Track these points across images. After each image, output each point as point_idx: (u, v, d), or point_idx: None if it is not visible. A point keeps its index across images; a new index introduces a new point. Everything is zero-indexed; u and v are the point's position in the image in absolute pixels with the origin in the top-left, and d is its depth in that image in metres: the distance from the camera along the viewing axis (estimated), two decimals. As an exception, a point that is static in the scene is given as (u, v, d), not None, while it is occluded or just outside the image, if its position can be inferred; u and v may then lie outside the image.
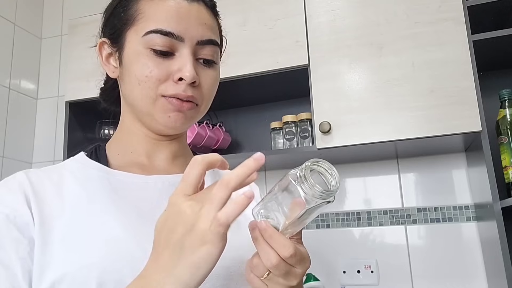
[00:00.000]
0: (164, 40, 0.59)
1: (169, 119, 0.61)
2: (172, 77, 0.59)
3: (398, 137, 1.27)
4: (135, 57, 0.60)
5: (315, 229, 1.61)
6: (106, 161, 0.65)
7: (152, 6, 0.60)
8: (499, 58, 1.39)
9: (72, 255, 0.54)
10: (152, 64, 0.59)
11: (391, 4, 1.34)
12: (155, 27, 0.59)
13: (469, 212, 1.46)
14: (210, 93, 0.65)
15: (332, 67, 1.36)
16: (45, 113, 2.07)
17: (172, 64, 0.60)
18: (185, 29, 0.60)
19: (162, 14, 0.59)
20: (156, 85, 0.59)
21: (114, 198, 0.60)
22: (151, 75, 0.59)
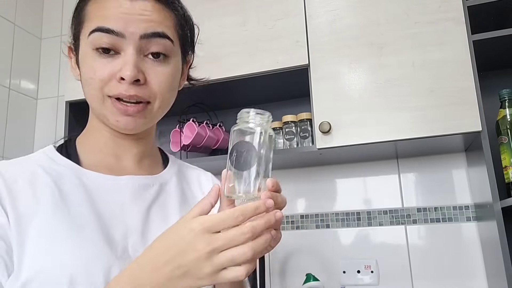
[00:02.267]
0: (106, 38, 0.59)
1: (118, 123, 0.61)
2: (115, 77, 0.59)
3: (398, 137, 1.27)
4: (84, 59, 0.62)
5: (315, 229, 1.61)
6: (77, 158, 0.65)
7: (96, 7, 0.61)
8: (499, 58, 1.39)
9: (46, 254, 0.54)
10: (97, 65, 0.59)
11: (391, 4, 1.34)
12: (96, 26, 0.59)
13: (469, 212, 1.46)
14: (162, 89, 0.63)
15: (332, 67, 1.36)
16: (45, 113, 2.07)
17: (116, 63, 0.59)
18: (125, 24, 0.59)
19: (103, 13, 0.60)
20: (100, 86, 0.60)
21: (87, 198, 0.61)
22: (95, 76, 0.60)
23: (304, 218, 1.63)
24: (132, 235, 0.62)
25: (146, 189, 0.66)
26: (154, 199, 0.67)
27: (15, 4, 2.02)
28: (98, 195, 0.62)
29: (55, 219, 0.57)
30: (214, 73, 1.44)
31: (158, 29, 0.61)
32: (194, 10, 1.70)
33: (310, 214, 1.63)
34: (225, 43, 1.48)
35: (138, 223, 0.63)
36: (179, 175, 0.74)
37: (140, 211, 0.64)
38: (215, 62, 1.44)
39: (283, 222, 1.65)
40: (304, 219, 1.63)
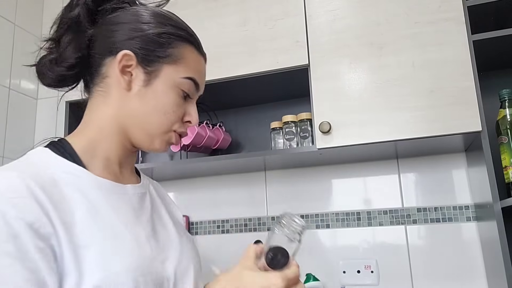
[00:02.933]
0: (193, 88, 0.71)
1: (162, 149, 0.71)
2: (183, 118, 0.72)
3: (398, 137, 1.27)
4: (168, 90, 0.69)
5: (315, 229, 1.61)
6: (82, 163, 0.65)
7: (192, 57, 0.72)
8: (499, 58, 1.39)
9: (107, 261, 0.57)
10: (178, 103, 0.70)
11: (391, 4, 1.34)
12: (191, 76, 0.71)
13: (469, 212, 1.46)
14: None
15: (332, 67, 1.36)
16: (45, 113, 2.07)
17: (186, 106, 0.72)
18: (202, 84, 0.75)
19: (197, 67, 0.72)
20: (173, 122, 0.70)
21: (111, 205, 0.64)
22: (174, 112, 0.69)
23: (304, 218, 1.63)
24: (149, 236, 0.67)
25: (144, 198, 0.73)
26: (152, 206, 0.74)
27: (15, 4, 2.02)
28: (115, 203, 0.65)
29: (97, 226, 0.60)
30: (214, 73, 1.44)
31: None
32: (194, 10, 1.70)
33: (310, 214, 1.63)
34: (225, 43, 1.48)
35: (151, 226, 0.70)
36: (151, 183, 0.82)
37: (147, 217, 0.70)
38: (215, 62, 1.44)
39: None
40: (304, 219, 1.63)
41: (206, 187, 1.77)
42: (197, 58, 0.72)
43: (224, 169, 1.66)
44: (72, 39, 0.70)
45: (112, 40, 0.68)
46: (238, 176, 1.74)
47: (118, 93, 0.68)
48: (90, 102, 0.73)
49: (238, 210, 1.72)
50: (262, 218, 1.68)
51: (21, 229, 0.51)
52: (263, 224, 1.67)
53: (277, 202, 1.68)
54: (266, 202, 1.69)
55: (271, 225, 1.66)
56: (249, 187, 1.72)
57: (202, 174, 1.74)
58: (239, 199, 1.72)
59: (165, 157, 1.79)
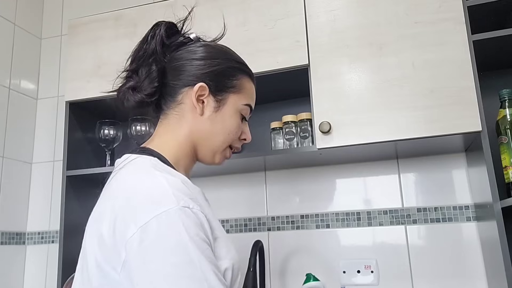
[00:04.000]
0: (249, 113, 0.89)
1: (219, 162, 0.87)
2: (240, 136, 0.87)
3: (398, 137, 1.27)
4: (232, 115, 0.84)
5: (315, 229, 1.61)
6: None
7: (249, 86, 0.89)
8: (499, 58, 1.39)
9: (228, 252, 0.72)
10: (238, 125, 0.85)
11: (391, 4, 1.34)
12: (249, 103, 0.88)
13: (469, 212, 1.46)
14: None
15: (332, 67, 1.36)
16: (45, 113, 2.07)
17: (243, 128, 0.87)
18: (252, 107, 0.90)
19: (252, 95, 0.90)
20: (232, 139, 0.85)
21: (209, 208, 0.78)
22: (235, 132, 0.85)
23: (304, 218, 1.63)
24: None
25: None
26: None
27: (15, 4, 2.02)
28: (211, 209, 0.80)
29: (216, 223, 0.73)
30: (214, 73, 1.43)
31: None
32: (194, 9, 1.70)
33: (310, 214, 1.63)
34: (225, 43, 1.47)
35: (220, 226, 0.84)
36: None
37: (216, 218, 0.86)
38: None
39: (283, 222, 1.65)
40: (304, 219, 1.63)
41: (206, 187, 1.77)
42: (252, 87, 0.89)
43: (224, 169, 1.66)
44: (149, 71, 0.81)
45: (187, 73, 0.82)
46: (238, 176, 1.74)
47: (192, 116, 0.82)
48: (165, 122, 0.84)
49: (238, 210, 1.72)
50: (262, 218, 1.68)
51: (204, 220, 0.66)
52: (263, 224, 1.67)
53: (277, 202, 1.68)
54: (266, 202, 1.69)
55: (271, 225, 1.66)
56: (249, 187, 1.72)
57: (202, 174, 1.74)
58: (239, 199, 1.72)
59: (165, 157, 1.79)
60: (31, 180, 2.01)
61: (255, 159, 1.50)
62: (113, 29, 1.64)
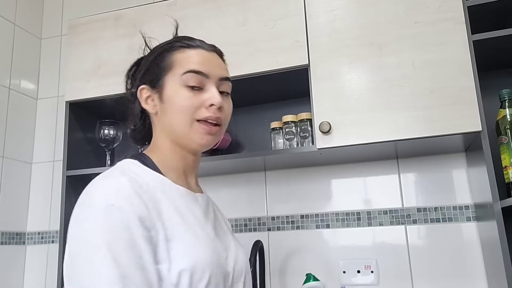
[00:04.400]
0: (196, 78, 0.79)
1: (202, 140, 0.79)
2: (204, 105, 0.79)
3: (398, 137, 1.27)
4: (175, 93, 0.79)
5: (315, 229, 1.61)
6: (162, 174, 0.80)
7: (184, 55, 0.82)
8: (499, 58, 1.39)
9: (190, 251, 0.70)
10: (189, 96, 0.79)
11: (391, 4, 1.34)
12: (189, 68, 0.80)
13: (469, 212, 1.46)
14: (228, 117, 0.85)
15: (332, 67, 1.36)
16: (45, 113, 2.07)
17: (203, 95, 0.79)
18: (210, 69, 0.81)
19: (193, 59, 0.81)
20: (192, 111, 0.78)
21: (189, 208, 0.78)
22: (188, 104, 0.78)
23: (304, 218, 1.63)
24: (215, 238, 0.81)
25: (209, 205, 0.87)
26: (214, 213, 0.88)
27: (15, 4, 2.02)
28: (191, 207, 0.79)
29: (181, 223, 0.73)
30: (214, 73, 1.44)
31: (227, 75, 0.86)
32: (194, 9, 1.70)
33: (310, 214, 1.63)
34: (225, 43, 1.47)
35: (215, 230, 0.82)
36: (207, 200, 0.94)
37: (212, 222, 0.84)
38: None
39: (283, 222, 1.65)
40: (304, 219, 1.63)
41: (205, 187, 1.76)
42: (189, 53, 0.82)
43: (224, 169, 1.66)
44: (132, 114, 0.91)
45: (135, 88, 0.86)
46: (238, 176, 1.74)
47: (155, 119, 0.84)
48: None
49: (238, 210, 1.72)
50: (262, 218, 1.68)
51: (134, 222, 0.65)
52: (263, 224, 1.67)
53: (277, 202, 1.68)
54: (266, 202, 1.69)
55: (271, 225, 1.66)
56: (249, 187, 1.72)
57: (202, 174, 1.74)
58: (239, 199, 1.72)
59: (165, 157, 1.79)
60: (31, 180, 2.01)
61: (255, 159, 1.50)
62: (113, 29, 1.64)
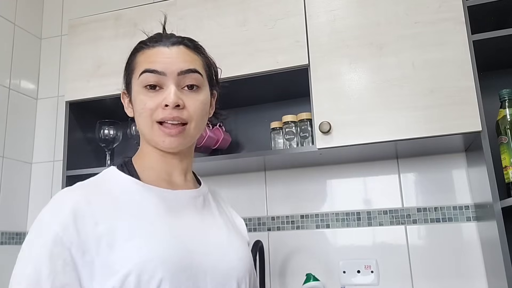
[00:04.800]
0: (152, 77, 0.76)
1: (164, 143, 0.76)
2: (161, 105, 0.75)
3: (398, 137, 1.27)
4: (136, 96, 0.78)
5: (315, 229, 1.61)
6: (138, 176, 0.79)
7: (144, 56, 0.79)
8: (499, 58, 1.39)
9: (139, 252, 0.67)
10: (146, 98, 0.76)
11: (391, 4, 1.34)
12: (143, 69, 0.77)
13: (469, 212, 1.46)
14: (197, 113, 0.78)
15: (332, 67, 1.36)
16: (45, 113, 2.07)
17: (161, 96, 0.76)
18: (166, 66, 0.76)
19: (149, 59, 0.78)
20: (150, 114, 0.76)
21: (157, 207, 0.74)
22: (145, 107, 0.76)
23: (304, 218, 1.63)
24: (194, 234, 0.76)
25: (197, 199, 0.83)
26: (203, 207, 0.83)
27: (15, 4, 2.02)
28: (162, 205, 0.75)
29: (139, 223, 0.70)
30: (214, 73, 1.43)
31: (191, 67, 0.78)
32: (194, 9, 1.70)
33: (310, 214, 1.63)
34: (225, 43, 1.48)
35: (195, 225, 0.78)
36: (211, 191, 0.93)
37: (195, 216, 0.80)
38: (215, 62, 1.44)
39: (283, 222, 1.65)
40: (304, 219, 1.63)
41: (206, 187, 1.77)
42: (148, 53, 0.79)
43: (224, 169, 1.66)
44: None
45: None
46: (238, 176, 1.74)
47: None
48: None
49: (238, 210, 1.70)
50: (262, 218, 1.68)
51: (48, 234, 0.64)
52: (263, 224, 1.67)
53: (277, 202, 1.68)
54: (266, 202, 1.69)
55: (271, 225, 1.66)
56: (249, 187, 1.72)
57: (201, 174, 1.73)
58: (238, 199, 1.72)
59: (165, 157, 1.79)
60: (31, 180, 2.01)
61: (255, 159, 1.50)
62: (113, 29, 1.64)
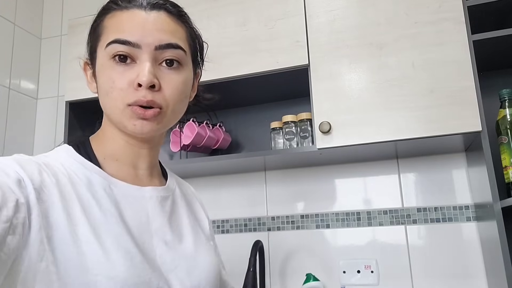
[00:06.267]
0: (123, 49, 0.62)
1: (135, 127, 0.62)
2: (133, 85, 0.61)
3: (398, 137, 1.27)
4: (102, 70, 0.64)
5: (315, 229, 1.61)
6: (98, 164, 0.66)
7: (113, 20, 0.64)
8: (499, 58, 1.39)
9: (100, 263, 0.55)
10: (115, 74, 0.62)
11: (391, 4, 1.34)
12: (113, 38, 0.62)
13: (469, 212, 1.46)
14: (175, 96, 0.65)
15: (332, 67, 1.36)
16: (45, 113, 2.07)
17: (133, 71, 0.62)
18: (142, 36, 0.62)
19: (120, 25, 0.63)
20: (121, 95, 0.62)
21: (119, 209, 0.63)
22: (114, 85, 0.62)
23: (304, 218, 1.63)
24: (159, 245, 0.65)
25: (165, 201, 0.71)
26: (171, 210, 0.71)
27: (15, 4, 2.02)
28: (126, 205, 0.64)
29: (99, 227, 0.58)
30: (214, 73, 1.44)
31: (172, 41, 0.64)
32: (194, 9, 1.70)
33: (310, 214, 1.63)
34: (225, 43, 1.48)
35: (163, 234, 0.67)
36: (179, 185, 0.79)
37: (163, 222, 0.68)
38: (215, 61, 1.44)
39: (283, 222, 1.65)
40: (304, 219, 1.63)
41: (206, 187, 1.78)
42: (120, 18, 0.64)
43: (224, 169, 1.66)
44: None
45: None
46: (238, 176, 1.74)
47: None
48: None
49: (238, 210, 1.72)
50: (262, 218, 1.68)
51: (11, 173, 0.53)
52: (263, 224, 1.67)
53: (277, 202, 1.68)
54: (266, 202, 1.69)
55: (271, 225, 1.66)
56: (249, 187, 1.72)
57: (202, 174, 1.75)
58: (239, 199, 1.72)
59: (165, 156, 1.79)
60: (31, 180, 2.00)
61: (255, 159, 1.50)
62: (113, 29, 1.63)
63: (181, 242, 0.69)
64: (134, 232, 0.62)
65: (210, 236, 0.80)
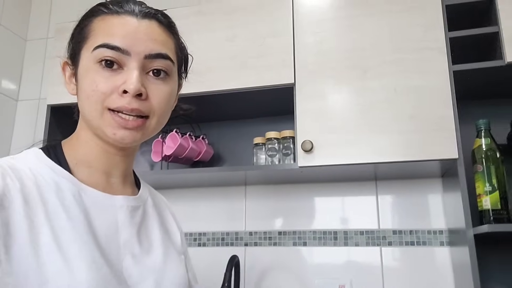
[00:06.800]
0: (111, 54, 0.61)
1: (115, 136, 0.61)
2: (117, 91, 0.60)
3: (377, 159, 1.29)
4: (85, 73, 0.62)
5: (292, 246, 1.61)
6: (69, 170, 0.64)
7: (102, 23, 0.63)
8: (477, 89, 1.44)
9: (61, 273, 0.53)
10: (99, 78, 0.61)
11: (377, 30, 1.38)
12: (102, 42, 0.61)
13: (443, 237, 1.49)
14: (161, 106, 0.64)
15: (317, 87, 1.38)
16: (25, 115, 2.03)
17: (119, 77, 0.61)
18: (132, 44, 0.61)
19: (110, 30, 0.62)
20: (102, 98, 0.60)
21: (85, 216, 0.60)
22: (97, 89, 0.60)
23: (281, 235, 1.64)
24: (126, 257, 0.63)
25: (136, 211, 0.69)
26: (141, 221, 0.70)
27: (2, 4, 1.99)
28: (95, 214, 0.62)
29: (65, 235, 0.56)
30: (200, 86, 1.44)
31: (162, 51, 0.64)
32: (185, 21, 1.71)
33: (287, 231, 1.63)
34: (213, 57, 1.49)
35: (131, 245, 0.65)
36: (151, 196, 0.78)
37: (132, 233, 0.66)
38: (202, 75, 1.45)
39: (261, 237, 1.65)
40: (282, 236, 1.63)
41: (185, 198, 1.76)
42: (110, 22, 0.63)
43: (205, 181, 1.66)
44: None
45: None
46: (218, 189, 1.73)
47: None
48: None
49: (216, 223, 1.71)
50: (239, 232, 1.67)
51: None
52: (241, 238, 1.67)
53: (255, 217, 1.68)
54: (244, 216, 1.69)
55: (248, 240, 1.66)
56: (229, 201, 1.72)
57: (181, 185, 1.73)
58: (217, 213, 1.71)
59: (145, 166, 1.78)
60: (5, 183, 1.95)
61: (236, 174, 1.50)
62: (101, 36, 1.63)
63: (150, 255, 0.67)
64: (101, 242, 0.60)
65: (182, 248, 0.78)
